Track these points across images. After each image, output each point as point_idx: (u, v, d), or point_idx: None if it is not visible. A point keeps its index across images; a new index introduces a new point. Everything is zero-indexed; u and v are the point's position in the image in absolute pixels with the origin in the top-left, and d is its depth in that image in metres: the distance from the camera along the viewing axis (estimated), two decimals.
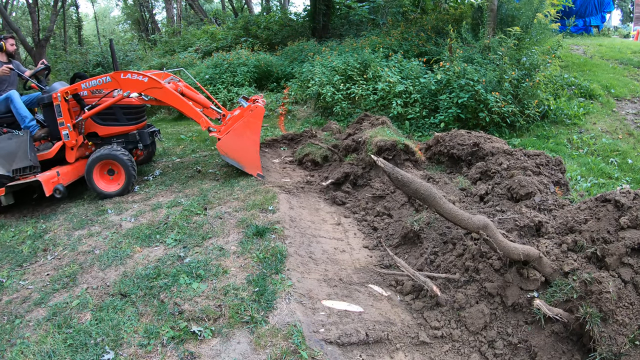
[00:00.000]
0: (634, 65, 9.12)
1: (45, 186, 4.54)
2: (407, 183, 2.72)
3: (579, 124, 6.69)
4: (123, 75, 4.79)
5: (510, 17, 8.04)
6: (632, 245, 2.47)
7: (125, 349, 2.38)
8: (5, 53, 5.24)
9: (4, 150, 4.72)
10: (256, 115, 4.79)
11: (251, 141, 4.84)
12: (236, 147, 4.87)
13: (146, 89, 4.86)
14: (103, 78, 4.85)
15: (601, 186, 4.86)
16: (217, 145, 4.90)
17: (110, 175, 5.00)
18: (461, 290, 2.87)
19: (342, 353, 2.38)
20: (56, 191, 4.64)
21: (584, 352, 2.42)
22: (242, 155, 4.90)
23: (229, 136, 4.84)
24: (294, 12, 15.56)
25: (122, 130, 5.24)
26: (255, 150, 4.90)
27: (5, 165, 4.68)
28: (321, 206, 4.51)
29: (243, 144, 4.85)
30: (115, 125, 5.20)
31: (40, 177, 4.57)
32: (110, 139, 5.25)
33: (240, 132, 4.82)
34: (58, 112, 4.83)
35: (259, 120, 4.83)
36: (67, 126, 4.85)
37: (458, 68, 6.54)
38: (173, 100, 4.91)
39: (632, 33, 15.53)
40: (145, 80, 4.80)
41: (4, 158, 4.69)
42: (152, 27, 25.99)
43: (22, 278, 3.32)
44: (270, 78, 10.03)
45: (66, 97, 4.80)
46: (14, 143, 4.74)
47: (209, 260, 3.19)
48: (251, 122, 4.80)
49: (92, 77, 4.92)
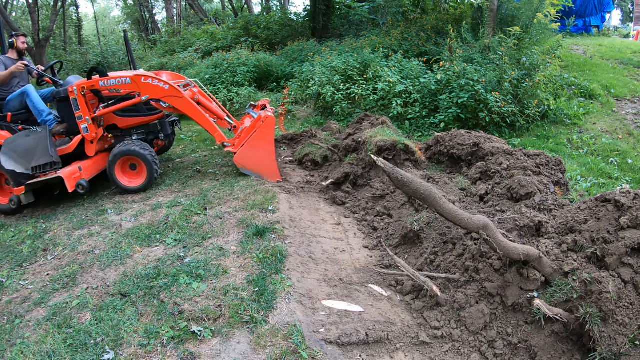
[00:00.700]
0: (634, 65, 9.12)
1: (67, 182, 4.47)
2: (407, 183, 2.72)
3: (579, 124, 6.69)
4: (144, 80, 4.75)
5: (510, 17, 8.04)
6: (632, 245, 2.47)
7: (125, 349, 2.38)
8: (16, 50, 5.18)
9: (22, 147, 4.61)
10: (268, 125, 4.83)
11: (266, 151, 4.89)
12: (253, 159, 4.92)
13: (165, 97, 4.82)
14: (123, 79, 4.78)
15: (601, 186, 4.86)
16: (235, 159, 4.96)
17: (133, 169, 4.97)
18: (461, 290, 2.87)
19: (342, 353, 2.38)
20: (79, 187, 4.57)
21: (584, 352, 2.42)
22: (260, 165, 4.95)
23: (244, 149, 4.89)
24: (294, 12, 15.57)
25: (142, 121, 5.20)
26: (271, 159, 4.94)
27: (24, 163, 4.57)
28: (321, 206, 4.51)
29: (259, 155, 4.90)
30: (136, 116, 5.15)
31: (62, 173, 4.48)
32: (130, 130, 5.20)
33: (255, 144, 4.86)
34: (75, 105, 4.76)
35: (271, 129, 4.86)
36: (85, 119, 4.79)
37: (458, 68, 6.54)
38: (191, 111, 4.90)
39: (632, 33, 15.53)
40: (166, 87, 4.76)
41: (22, 156, 4.58)
42: (152, 27, 26.00)
43: (22, 278, 3.32)
44: (270, 78, 10.03)
45: (83, 91, 4.74)
46: (31, 140, 4.64)
47: (209, 260, 3.19)
48: (264, 133, 4.84)
49: (111, 76, 4.84)
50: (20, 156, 4.58)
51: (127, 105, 4.91)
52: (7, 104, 4.97)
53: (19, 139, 4.65)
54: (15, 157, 4.56)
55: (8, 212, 4.79)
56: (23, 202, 4.65)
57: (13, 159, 4.55)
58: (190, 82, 5.46)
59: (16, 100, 4.97)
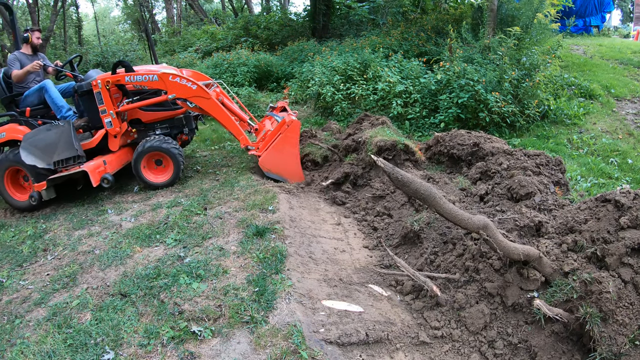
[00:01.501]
0: (634, 65, 9.12)
1: (92, 176, 4.42)
2: (407, 183, 2.72)
3: (579, 124, 6.68)
4: (171, 78, 4.71)
5: (510, 17, 8.03)
6: (632, 245, 2.47)
7: (125, 349, 2.38)
8: (31, 46, 5.13)
9: (43, 142, 4.54)
10: (293, 129, 4.84)
11: (291, 155, 4.92)
12: (278, 163, 4.94)
13: (192, 97, 4.80)
14: (150, 76, 4.73)
15: (601, 186, 4.86)
16: (260, 162, 4.95)
17: (158, 165, 4.96)
18: (461, 290, 2.87)
19: (342, 353, 2.37)
20: (104, 181, 4.52)
21: (584, 352, 2.42)
22: (285, 169, 4.97)
23: (269, 153, 4.89)
24: (294, 12, 15.57)
25: (166, 116, 5.17)
26: (296, 162, 4.98)
27: (45, 157, 4.50)
28: (321, 206, 4.51)
29: (284, 159, 4.92)
30: (160, 110, 5.13)
31: (86, 167, 4.43)
32: (153, 124, 5.17)
33: (280, 148, 4.87)
34: (99, 99, 4.71)
35: (296, 133, 4.89)
36: (109, 114, 4.74)
37: (458, 68, 6.53)
38: (217, 112, 4.89)
39: (632, 33, 15.53)
40: (193, 87, 4.74)
41: (44, 150, 4.50)
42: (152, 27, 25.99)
43: (22, 278, 3.32)
44: (270, 78, 10.03)
45: (107, 85, 4.69)
46: (53, 134, 4.57)
47: (209, 260, 3.19)
48: (289, 137, 4.86)
49: (137, 71, 4.80)
50: (41, 151, 4.50)
51: (152, 102, 4.89)
52: (25, 99, 4.91)
53: (40, 133, 4.57)
54: (36, 152, 4.48)
55: (27, 209, 4.73)
56: (44, 198, 4.58)
57: (34, 154, 4.47)
58: (214, 83, 5.44)
59: (34, 96, 4.90)
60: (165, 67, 5.16)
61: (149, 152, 4.81)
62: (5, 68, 4.96)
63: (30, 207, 4.71)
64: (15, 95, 4.94)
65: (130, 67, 4.86)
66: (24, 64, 4.94)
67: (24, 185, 4.91)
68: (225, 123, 4.97)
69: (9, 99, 4.92)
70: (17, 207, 4.79)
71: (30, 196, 4.61)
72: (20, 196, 4.82)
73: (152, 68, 5.03)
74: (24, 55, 5.05)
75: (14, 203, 4.78)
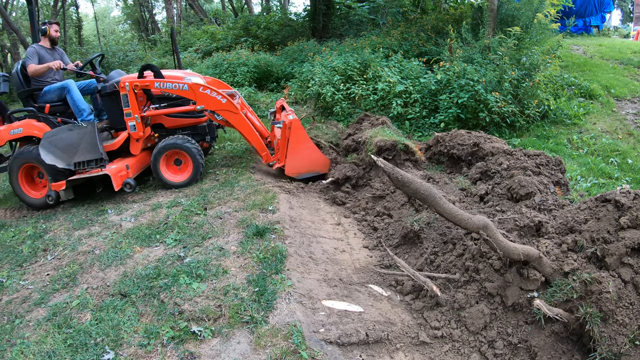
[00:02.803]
0: (634, 65, 9.12)
1: (114, 180, 4.40)
2: (407, 183, 2.72)
3: (579, 124, 6.68)
4: (202, 90, 4.73)
5: (510, 17, 8.02)
6: (632, 245, 2.47)
7: (125, 349, 2.38)
8: (49, 39, 5.04)
9: (64, 142, 4.48)
10: (295, 128, 4.86)
11: (308, 149, 4.97)
12: (302, 163, 4.99)
13: (221, 110, 4.82)
14: (180, 85, 4.73)
15: (601, 186, 4.86)
16: (287, 172, 4.99)
17: (177, 165, 4.94)
18: (461, 290, 2.87)
19: (342, 353, 2.37)
20: (126, 185, 4.49)
21: (584, 352, 2.42)
22: (310, 164, 5.03)
23: (289, 160, 4.95)
24: (294, 12, 15.55)
25: (189, 123, 5.17)
26: (316, 152, 5.04)
27: (65, 157, 4.43)
28: (321, 206, 4.51)
29: (304, 157, 4.97)
30: (184, 117, 5.12)
31: (109, 171, 4.40)
32: (175, 130, 5.17)
33: (295, 150, 4.92)
34: (125, 102, 4.67)
35: (300, 130, 4.91)
36: (134, 117, 4.71)
37: (458, 68, 6.53)
38: (243, 128, 4.95)
39: (632, 33, 15.53)
40: (223, 101, 4.77)
41: (64, 150, 4.44)
42: (152, 27, 25.99)
43: (22, 278, 3.32)
44: (270, 78, 10.02)
45: (135, 88, 4.67)
46: (75, 134, 4.52)
47: (209, 260, 3.19)
48: (296, 136, 4.89)
49: (167, 78, 4.79)
50: (62, 151, 4.45)
51: (180, 111, 4.90)
52: (44, 95, 4.85)
53: (61, 132, 4.51)
54: (56, 151, 4.43)
55: (41, 207, 4.69)
56: (62, 198, 4.54)
57: (54, 154, 4.43)
58: (236, 93, 5.44)
59: (54, 93, 4.83)
60: (190, 74, 5.14)
61: (169, 150, 4.79)
62: (24, 60, 4.87)
63: (45, 205, 4.66)
64: (34, 89, 4.86)
65: (159, 72, 4.86)
66: (43, 58, 4.85)
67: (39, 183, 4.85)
68: (250, 138, 5.03)
69: (26, 92, 4.85)
70: (31, 205, 4.74)
71: (47, 195, 4.57)
72: (35, 194, 4.76)
73: (179, 74, 5.01)
74: (43, 48, 4.96)
75: (28, 200, 4.73)
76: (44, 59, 4.85)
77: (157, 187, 5.00)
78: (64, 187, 4.49)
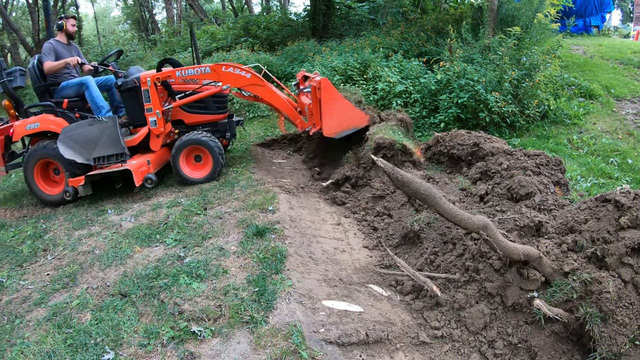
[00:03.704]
0: (634, 65, 9.12)
1: (135, 176, 4.37)
2: (407, 183, 2.72)
3: (579, 124, 6.68)
4: (224, 69, 4.69)
5: (510, 17, 8.03)
6: (632, 245, 2.47)
7: (125, 349, 2.38)
8: (66, 33, 5.00)
9: (84, 136, 4.43)
10: (325, 87, 4.73)
11: (342, 107, 4.85)
12: (338, 122, 4.85)
13: (247, 85, 4.78)
14: (202, 68, 4.70)
15: (601, 186, 4.86)
16: (325, 134, 4.85)
17: (197, 161, 4.92)
18: (461, 290, 2.87)
19: (342, 353, 2.37)
20: (147, 181, 4.46)
21: (584, 352, 2.42)
22: (347, 121, 4.90)
23: (325, 121, 4.80)
24: (294, 12, 15.54)
25: (209, 119, 5.15)
26: (350, 108, 4.92)
27: (84, 152, 4.38)
28: (321, 206, 4.51)
29: (340, 115, 4.83)
30: (204, 113, 5.10)
31: (130, 166, 4.37)
32: (195, 127, 5.14)
33: (330, 110, 4.79)
34: (146, 97, 4.64)
35: (330, 88, 4.78)
36: (155, 113, 4.68)
37: (458, 68, 6.53)
38: (273, 98, 4.88)
39: (632, 33, 15.54)
40: (248, 76, 4.73)
41: (83, 145, 4.40)
42: (152, 27, 25.99)
43: (22, 278, 3.32)
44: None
45: (157, 82, 4.64)
46: (95, 129, 4.47)
47: (209, 260, 3.19)
48: (328, 95, 4.76)
49: (188, 66, 4.77)
50: (81, 145, 4.40)
51: (208, 94, 4.86)
52: (62, 90, 4.81)
53: (80, 127, 4.47)
54: (75, 146, 4.39)
55: (58, 204, 4.66)
56: (81, 194, 4.50)
57: (73, 148, 4.39)
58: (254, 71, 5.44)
59: (72, 89, 4.79)
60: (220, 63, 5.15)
61: (189, 145, 4.77)
62: (40, 55, 4.83)
63: (62, 201, 4.61)
64: (51, 84, 4.83)
65: (179, 63, 4.84)
66: (60, 54, 4.81)
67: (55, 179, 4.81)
68: (282, 108, 4.95)
69: (43, 87, 4.81)
70: (47, 202, 4.70)
71: (65, 191, 4.52)
72: (51, 190, 4.72)
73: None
74: (60, 44, 4.91)
75: (44, 197, 4.69)
76: (61, 55, 4.81)
77: (157, 187, 5.00)
78: (83, 183, 4.45)
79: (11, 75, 4.75)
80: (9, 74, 4.74)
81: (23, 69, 4.99)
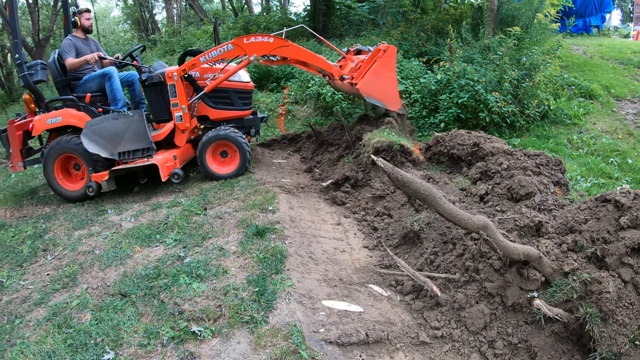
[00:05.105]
0: (634, 65, 9.12)
1: (161, 171, 4.33)
2: (407, 183, 2.72)
3: (579, 124, 6.68)
4: (246, 40, 4.64)
5: (510, 17, 8.03)
6: (632, 245, 2.47)
7: (125, 349, 2.38)
8: (82, 29, 4.94)
9: (108, 131, 4.37)
10: (390, 54, 4.69)
11: (390, 79, 4.80)
12: (377, 87, 4.77)
13: (273, 49, 4.71)
14: (224, 47, 4.64)
15: (601, 186, 4.86)
16: (359, 87, 4.72)
17: (223, 157, 4.91)
18: (461, 290, 2.87)
19: (342, 353, 2.37)
20: (174, 176, 4.42)
21: (584, 352, 2.42)
22: (384, 94, 4.84)
23: (368, 78, 4.72)
24: (294, 12, 15.55)
25: (234, 115, 5.14)
26: (394, 87, 4.88)
27: (109, 147, 4.32)
28: (321, 206, 4.51)
29: (383, 83, 4.77)
30: (229, 109, 5.10)
31: (156, 161, 4.33)
32: (220, 123, 5.12)
33: (378, 72, 4.72)
34: (172, 92, 4.62)
35: (393, 58, 4.74)
36: (181, 108, 4.65)
37: (458, 68, 6.53)
38: (302, 55, 4.82)
39: (632, 33, 15.54)
40: (271, 40, 4.66)
41: (108, 140, 4.34)
42: (152, 27, 25.98)
43: (22, 278, 3.32)
44: (270, 78, 10.01)
45: (184, 75, 4.61)
46: (120, 123, 4.41)
47: (209, 260, 3.19)
48: (386, 62, 4.71)
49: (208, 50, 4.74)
50: (105, 140, 4.35)
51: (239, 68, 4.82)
52: (84, 84, 4.78)
53: (105, 122, 4.41)
54: (99, 140, 4.34)
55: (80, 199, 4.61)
56: (104, 189, 4.45)
57: (97, 143, 4.33)
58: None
59: (95, 81, 4.76)
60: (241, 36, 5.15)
61: (215, 141, 4.75)
62: (60, 50, 4.80)
63: (84, 197, 4.56)
64: (71, 79, 4.79)
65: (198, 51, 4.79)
66: (80, 50, 4.78)
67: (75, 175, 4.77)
68: (314, 61, 4.90)
69: (63, 82, 4.78)
70: (68, 197, 4.65)
71: (88, 186, 4.47)
72: (72, 186, 4.66)
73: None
74: (79, 39, 4.88)
75: (65, 193, 4.64)
76: (81, 51, 4.78)
77: (157, 187, 5.00)
78: (107, 178, 4.40)
79: (32, 69, 4.68)
80: (29, 67, 4.67)
81: (44, 63, 4.93)
